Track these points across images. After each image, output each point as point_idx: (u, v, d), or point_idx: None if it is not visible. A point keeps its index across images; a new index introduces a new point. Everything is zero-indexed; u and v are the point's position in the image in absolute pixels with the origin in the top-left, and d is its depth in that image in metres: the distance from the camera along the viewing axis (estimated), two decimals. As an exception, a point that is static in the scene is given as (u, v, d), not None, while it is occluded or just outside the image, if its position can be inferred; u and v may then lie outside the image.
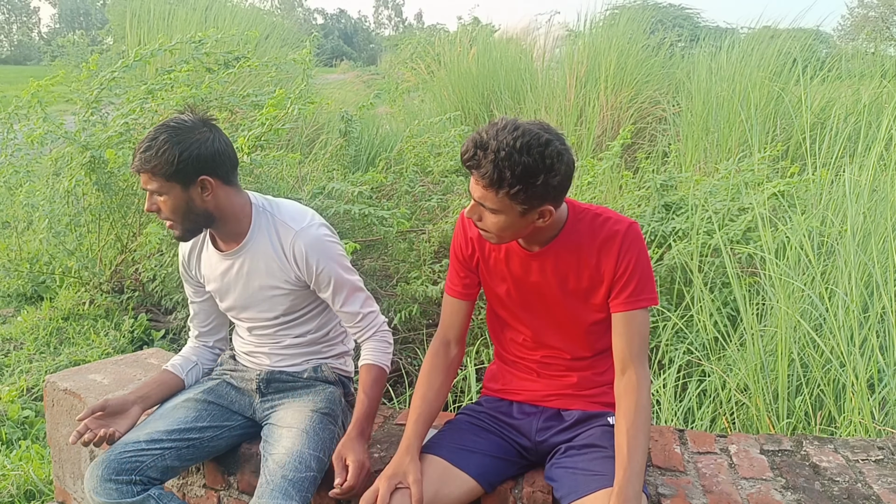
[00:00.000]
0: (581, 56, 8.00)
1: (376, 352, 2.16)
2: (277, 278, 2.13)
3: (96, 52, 7.17)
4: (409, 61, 14.34)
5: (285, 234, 2.10)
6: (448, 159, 4.84)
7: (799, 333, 2.97)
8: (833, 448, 2.10)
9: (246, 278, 2.16)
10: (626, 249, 1.80)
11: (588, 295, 1.87)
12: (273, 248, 2.11)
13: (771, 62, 6.63)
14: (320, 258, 2.08)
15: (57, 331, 4.41)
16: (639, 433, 1.73)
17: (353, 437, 1.99)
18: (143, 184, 1.98)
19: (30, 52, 64.26)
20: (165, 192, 1.97)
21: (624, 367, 1.82)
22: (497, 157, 1.62)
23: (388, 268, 4.31)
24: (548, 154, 1.64)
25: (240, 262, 2.15)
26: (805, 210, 3.82)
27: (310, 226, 2.11)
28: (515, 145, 1.62)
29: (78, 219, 4.65)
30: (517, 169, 1.62)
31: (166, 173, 1.93)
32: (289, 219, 2.12)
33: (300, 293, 2.17)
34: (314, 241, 2.09)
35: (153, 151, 1.93)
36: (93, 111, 4.69)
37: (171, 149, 1.92)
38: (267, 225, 2.12)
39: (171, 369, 2.29)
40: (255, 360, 2.29)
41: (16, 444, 3.19)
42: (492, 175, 1.65)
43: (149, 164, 1.94)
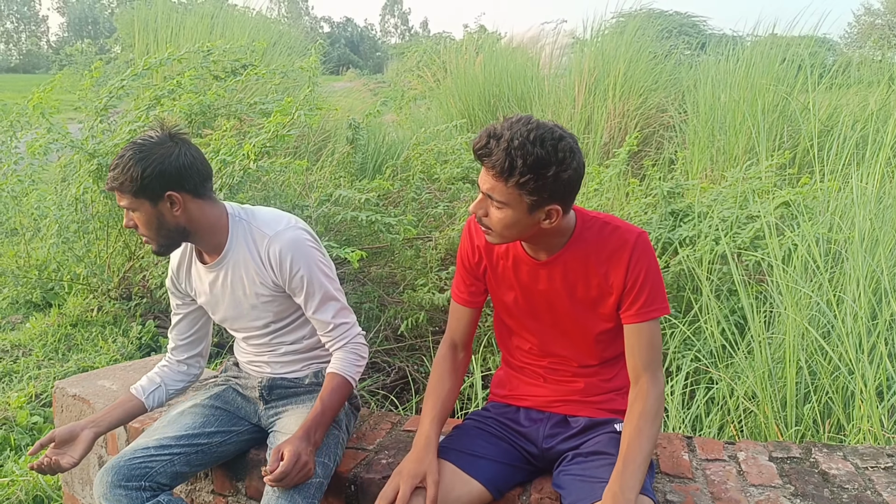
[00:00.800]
0: (589, 64, 8.01)
1: (343, 362, 2.13)
2: (259, 284, 2.12)
3: (101, 60, 7.21)
4: (415, 69, 14.37)
5: (261, 240, 2.10)
6: (454, 167, 4.85)
7: (807, 341, 2.96)
8: (842, 455, 2.09)
9: (231, 288, 2.16)
10: (636, 260, 1.79)
11: (596, 304, 1.86)
12: (251, 256, 2.11)
13: (777, 69, 6.63)
14: (294, 259, 2.08)
15: (65, 337, 4.43)
16: (640, 435, 1.73)
17: (297, 437, 1.95)
18: (118, 201, 2.00)
19: (38, 60, 64.64)
20: (136, 209, 2.00)
21: (637, 375, 1.82)
22: (510, 145, 1.63)
23: (395, 275, 4.32)
24: (561, 148, 1.64)
25: (223, 272, 2.15)
26: (812, 217, 3.81)
27: (286, 229, 2.11)
28: (529, 136, 1.62)
29: (86, 226, 4.67)
30: (529, 158, 1.62)
31: (133, 190, 1.95)
32: (264, 225, 2.12)
33: (284, 299, 2.16)
34: (289, 243, 2.09)
35: (120, 169, 1.95)
36: (101, 119, 4.72)
37: (135, 166, 1.93)
38: (244, 233, 2.12)
39: (133, 391, 2.27)
40: (257, 368, 2.29)
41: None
42: (503, 163, 1.64)
43: (116, 182, 1.96)
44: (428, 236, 4.26)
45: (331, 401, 2.07)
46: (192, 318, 2.33)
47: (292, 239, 2.10)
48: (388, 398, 3.64)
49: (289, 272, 2.08)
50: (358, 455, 2.21)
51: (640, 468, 1.70)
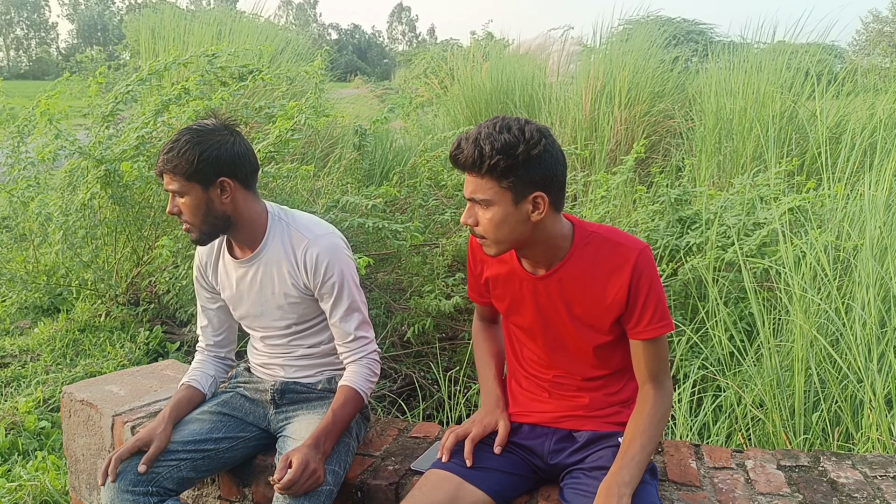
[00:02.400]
0: (596, 71, 8.01)
1: (357, 376, 2.15)
2: (289, 286, 2.14)
3: (108, 66, 7.24)
4: (422, 76, 14.41)
5: (298, 242, 2.13)
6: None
7: (816, 349, 2.95)
8: (851, 464, 2.08)
9: (260, 286, 2.18)
10: (637, 277, 1.77)
11: (595, 319, 1.85)
12: (286, 256, 2.13)
13: (785, 76, 6.62)
14: (330, 264, 2.11)
15: (73, 342, 4.44)
16: (643, 433, 1.76)
17: (307, 445, 1.97)
18: (166, 185, 2.03)
19: (48, 67, 65.00)
20: (186, 193, 2.02)
21: (644, 382, 1.85)
22: (478, 138, 1.68)
23: (402, 281, 4.32)
24: (527, 130, 1.67)
25: (254, 269, 2.17)
26: (821, 224, 3.80)
27: (325, 234, 2.15)
28: (495, 127, 1.68)
29: (94, 231, 4.68)
30: (497, 143, 1.65)
31: (186, 173, 1.99)
32: (303, 228, 2.16)
33: (311, 302, 2.18)
34: (327, 248, 2.12)
35: (175, 152, 1.99)
36: (108, 125, 4.74)
37: (191, 149, 1.98)
38: (282, 233, 2.15)
39: (194, 385, 2.28)
40: (270, 372, 2.30)
41: (32, 454, 3.21)
42: (472, 154, 1.67)
43: (170, 164, 1.99)
44: (435, 243, 4.26)
45: (342, 413, 2.08)
46: (223, 313, 2.37)
47: (330, 245, 2.13)
48: (396, 404, 3.64)
49: (322, 276, 2.11)
50: (365, 461, 2.21)
51: (639, 465, 1.71)
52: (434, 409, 3.65)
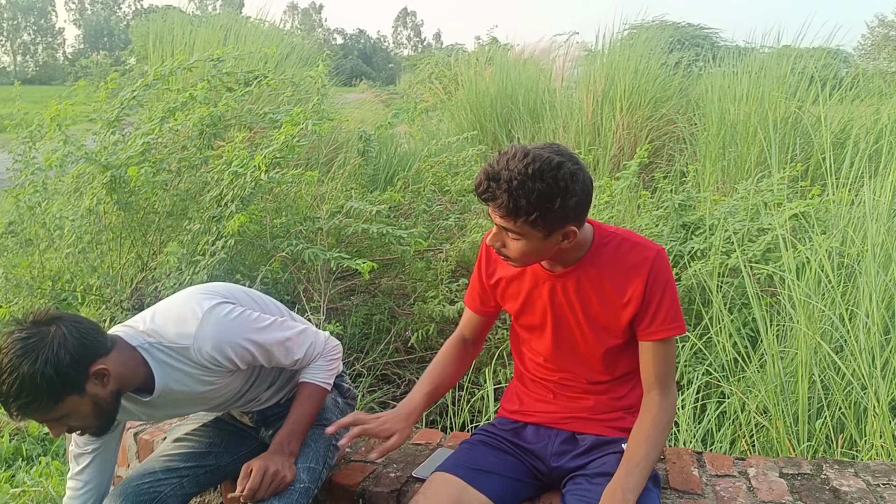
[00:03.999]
0: (598, 75, 8.02)
1: (313, 370, 2.07)
2: (210, 383, 1.95)
3: (116, 72, 7.30)
4: (427, 81, 14.43)
5: (186, 353, 1.87)
6: (465, 178, 4.86)
7: (819, 355, 2.94)
8: (854, 472, 2.07)
9: (181, 405, 2.01)
10: (654, 278, 1.79)
11: (610, 319, 1.86)
12: (189, 369, 1.90)
13: (789, 81, 6.62)
14: (230, 347, 1.89)
15: (78, 348, 4.45)
16: (648, 440, 1.75)
17: (269, 451, 1.94)
18: (41, 422, 1.76)
19: (55, 72, 65.33)
20: (69, 412, 1.73)
21: (649, 387, 1.84)
22: (510, 186, 1.62)
23: (406, 287, 4.32)
24: (561, 177, 1.63)
25: (164, 400, 1.94)
26: (825, 230, 3.80)
27: (200, 327, 1.87)
28: (527, 172, 1.62)
29: (99, 237, 4.70)
30: (532, 196, 1.62)
31: (53, 397, 1.70)
32: (176, 337, 1.87)
33: (240, 373, 2.03)
34: (214, 337, 1.87)
35: (23, 390, 1.66)
36: (113, 130, 4.76)
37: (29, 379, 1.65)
38: (166, 357, 1.87)
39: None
40: (244, 409, 2.23)
41: (36, 460, 3.22)
42: (507, 205, 1.65)
43: (31, 405, 1.68)
44: (439, 248, 4.26)
45: (304, 411, 2.03)
46: (110, 453, 2.11)
47: (213, 332, 1.87)
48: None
49: (233, 358, 1.91)
50: (366, 468, 2.21)
51: (643, 472, 1.71)
52: (437, 414, 3.65)
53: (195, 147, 4.54)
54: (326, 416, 2.16)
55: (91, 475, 2.06)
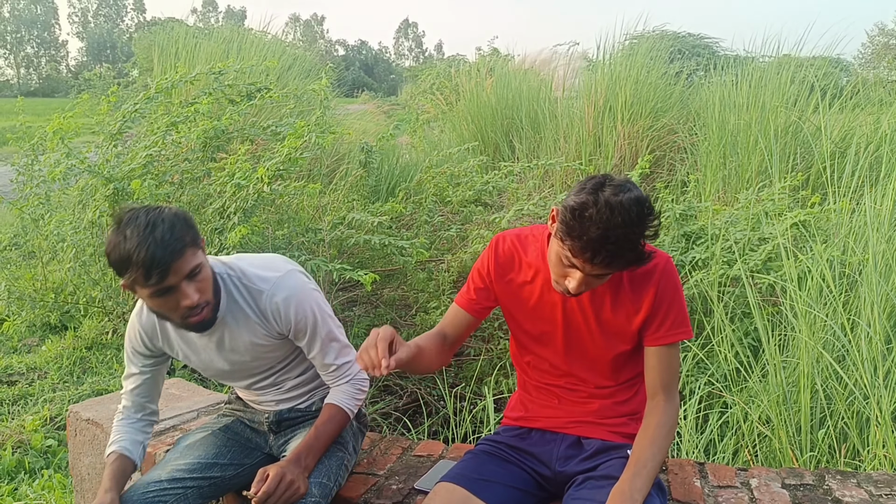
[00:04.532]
0: (599, 86, 8.04)
1: (343, 395, 2.12)
2: (261, 338, 2.06)
3: (117, 85, 7.31)
4: (428, 92, 14.47)
5: (258, 294, 2.01)
6: (467, 189, 4.87)
7: (821, 365, 2.94)
8: (856, 482, 2.07)
9: (229, 348, 2.08)
10: (664, 284, 1.82)
11: (622, 325, 1.88)
12: (251, 312, 2.02)
13: (790, 90, 6.63)
14: (298, 306, 2.01)
15: (80, 360, 4.46)
16: (652, 444, 1.76)
17: (287, 460, 1.96)
18: (186, 266, 1.84)
19: (58, 84, 65.60)
20: (202, 264, 1.88)
21: (654, 393, 1.86)
22: (625, 242, 1.60)
23: (408, 297, 4.33)
24: (652, 210, 1.63)
25: (217, 335, 2.06)
26: (826, 239, 3.80)
27: (281, 276, 2.03)
28: (633, 220, 1.59)
29: (102, 249, 4.71)
30: (643, 238, 1.63)
31: (196, 241, 1.89)
32: (257, 278, 2.02)
33: (287, 342, 2.12)
34: (291, 291, 2.01)
35: (173, 229, 1.82)
36: (115, 143, 4.78)
37: (179, 220, 1.86)
38: (237, 291, 2.01)
39: (126, 454, 2.12)
40: (262, 407, 2.28)
41: (38, 473, 3.22)
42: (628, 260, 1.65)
43: (187, 238, 1.84)
44: (440, 259, 4.27)
45: (325, 430, 2.07)
46: (156, 376, 2.19)
47: (293, 286, 2.03)
48: (401, 421, 3.64)
49: (293, 321, 2.02)
50: (368, 480, 2.21)
51: (650, 475, 1.72)
52: (440, 425, 3.64)
53: (198, 159, 4.56)
54: (342, 437, 2.18)
55: (135, 398, 2.18)
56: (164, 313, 1.91)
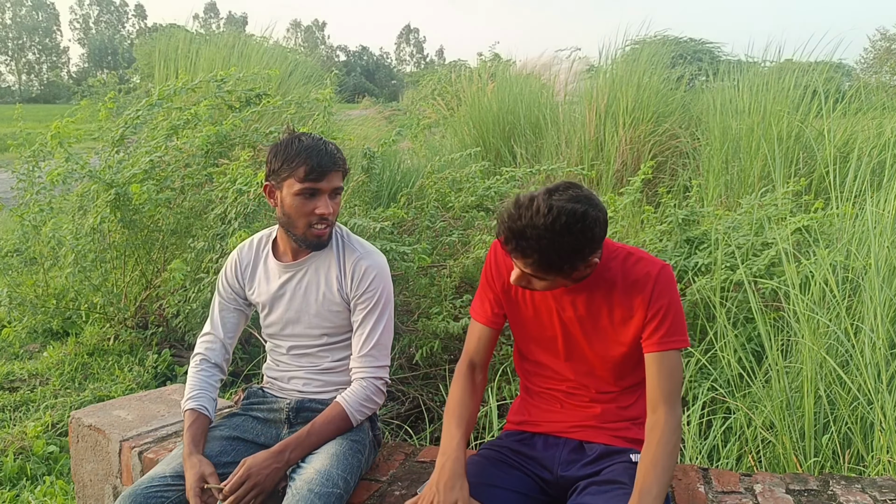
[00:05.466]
0: (601, 91, 8.04)
1: (355, 396, 2.17)
2: (335, 292, 2.21)
3: (115, 91, 7.33)
4: (430, 97, 14.48)
5: (350, 252, 2.23)
6: (469, 195, 4.86)
7: (825, 370, 2.93)
8: (860, 488, 2.06)
9: (304, 290, 2.23)
10: (658, 292, 1.82)
11: (618, 332, 1.89)
12: (337, 263, 2.22)
13: (792, 95, 6.62)
14: (376, 279, 2.19)
15: (82, 366, 4.46)
16: (657, 465, 1.74)
17: (271, 451, 2.03)
18: (329, 184, 2.12)
19: (59, 90, 65.70)
20: (341, 186, 2.17)
21: (655, 406, 1.83)
22: (540, 245, 1.65)
23: (410, 303, 4.32)
24: (587, 227, 1.66)
25: (301, 273, 2.24)
26: (829, 244, 3.79)
27: (377, 254, 2.26)
28: (555, 228, 1.63)
29: (104, 255, 4.71)
30: (563, 251, 1.66)
31: (344, 169, 2.17)
32: (356, 242, 2.26)
33: (348, 315, 2.23)
34: (377, 265, 2.22)
35: (332, 149, 2.12)
36: (117, 149, 4.78)
37: (334, 146, 2.16)
38: (336, 241, 2.25)
39: (203, 413, 2.21)
40: (288, 387, 2.31)
41: (40, 479, 3.21)
42: (539, 262, 1.69)
43: (340, 161, 2.13)
44: (442, 264, 4.26)
45: (321, 430, 2.11)
46: (239, 317, 2.38)
47: (381, 263, 2.24)
48: (403, 428, 3.63)
49: (366, 287, 2.18)
50: (371, 486, 2.20)
51: (657, 500, 1.70)
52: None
53: (199, 165, 4.56)
54: (360, 437, 2.20)
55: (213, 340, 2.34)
56: (294, 218, 2.14)
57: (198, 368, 2.32)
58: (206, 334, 2.37)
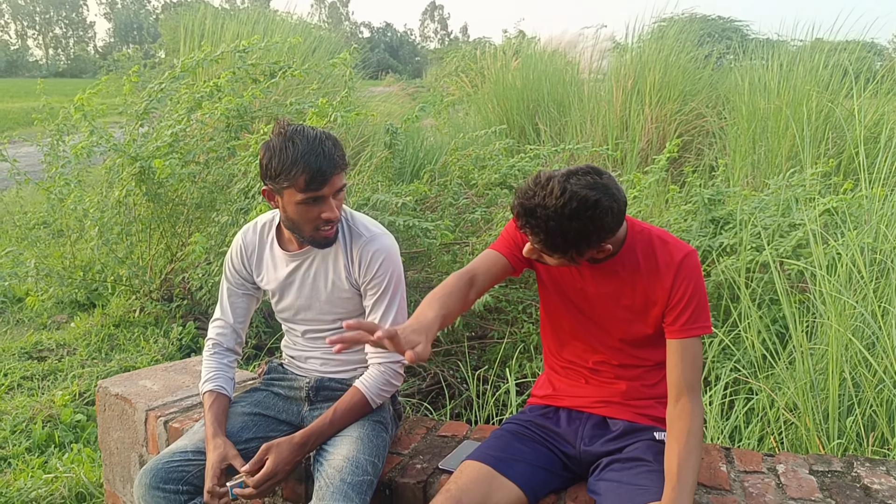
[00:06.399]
0: (628, 69, 7.95)
1: (373, 381, 2.15)
2: (343, 279, 2.17)
3: (143, 65, 7.36)
4: (453, 74, 14.40)
5: (357, 237, 2.17)
6: (492, 172, 4.84)
7: (850, 352, 2.90)
8: (885, 470, 2.04)
9: (312, 278, 2.20)
10: (682, 278, 1.81)
11: (641, 312, 1.88)
12: (344, 250, 2.17)
13: (822, 74, 6.51)
14: (384, 263, 2.14)
15: (108, 337, 4.52)
16: (690, 455, 1.72)
17: (294, 442, 2.01)
18: (334, 186, 2.03)
19: (85, 65, 66.10)
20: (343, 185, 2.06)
21: (678, 394, 1.81)
22: (548, 226, 1.65)
23: (432, 279, 4.32)
24: (596, 215, 1.65)
25: (308, 261, 2.20)
26: (858, 226, 3.73)
27: (383, 234, 2.20)
28: (564, 212, 1.63)
29: (129, 228, 4.76)
30: (569, 235, 1.66)
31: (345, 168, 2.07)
32: (362, 226, 2.19)
33: (360, 299, 2.21)
34: (385, 248, 2.16)
35: (336, 149, 2.01)
36: (142, 123, 4.81)
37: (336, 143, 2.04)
38: (340, 230, 2.18)
39: (223, 393, 2.23)
40: (306, 366, 2.32)
41: (68, 447, 3.27)
42: (545, 242, 1.69)
43: (342, 162, 2.02)
44: (465, 241, 4.26)
45: (343, 416, 2.10)
46: (248, 302, 2.36)
47: (389, 246, 2.17)
48: (423, 404, 3.65)
49: (374, 272, 2.13)
50: (393, 459, 2.22)
51: (693, 489, 1.70)
52: (462, 407, 3.65)
53: (222, 139, 4.58)
54: (382, 416, 2.20)
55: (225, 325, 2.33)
56: (299, 224, 2.06)
57: (212, 352, 2.32)
58: (217, 320, 2.36)
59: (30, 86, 31.22)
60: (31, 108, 6.79)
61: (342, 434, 2.09)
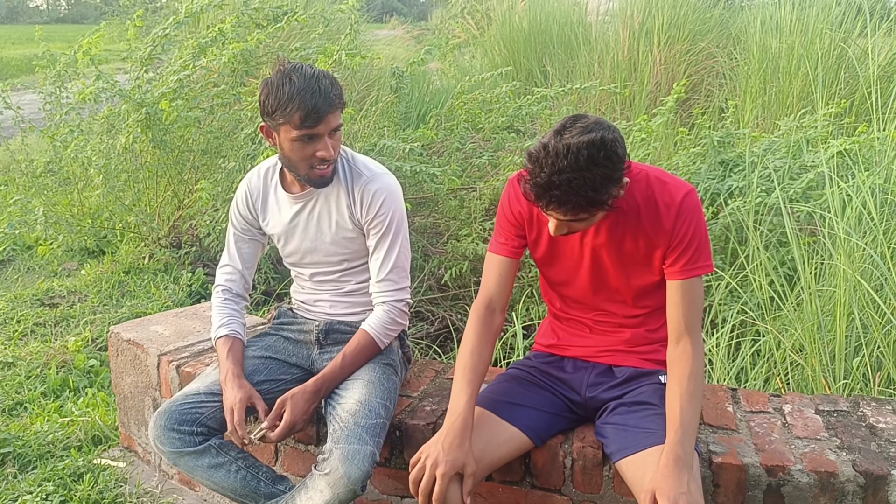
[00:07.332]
0: (635, 8, 7.79)
1: (379, 322, 2.17)
2: (346, 219, 2.18)
3: (146, 9, 7.25)
4: (459, 17, 14.15)
5: (358, 177, 2.17)
6: (499, 116, 4.79)
7: (859, 293, 2.89)
8: (891, 409, 2.06)
9: (316, 220, 2.21)
10: (683, 218, 1.78)
11: (643, 258, 1.86)
12: (346, 191, 2.16)
13: (835, 12, 6.36)
14: (386, 202, 2.15)
15: (118, 284, 4.55)
16: (692, 397, 1.73)
17: (308, 391, 2.05)
18: (331, 125, 2.03)
19: (87, 10, 65.03)
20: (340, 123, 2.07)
21: (678, 335, 1.81)
22: (572, 186, 1.58)
23: (439, 225, 4.32)
24: (610, 150, 1.59)
25: (311, 203, 2.20)
26: (869, 167, 3.70)
27: (385, 174, 2.21)
28: (581, 164, 1.57)
29: (136, 175, 4.74)
30: (596, 182, 1.59)
31: (342, 104, 2.08)
32: (363, 166, 2.20)
33: (364, 240, 2.21)
34: (386, 186, 2.16)
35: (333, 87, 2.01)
36: (147, 69, 4.75)
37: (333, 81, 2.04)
38: (342, 168, 2.18)
39: (238, 337, 2.25)
40: (315, 309, 2.33)
41: (83, 391, 3.32)
42: (577, 204, 1.62)
43: (338, 100, 2.03)
44: (472, 186, 4.24)
45: (353, 359, 2.13)
46: (255, 247, 2.38)
47: (390, 185, 2.18)
48: (432, 347, 3.68)
49: (376, 212, 2.14)
50: (402, 402, 2.25)
51: (695, 430, 1.72)
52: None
53: (227, 84, 4.53)
54: (392, 359, 2.23)
55: (233, 270, 2.36)
56: (295, 162, 2.07)
57: (221, 298, 2.34)
58: (225, 266, 2.37)
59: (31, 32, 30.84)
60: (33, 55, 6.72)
61: (353, 377, 2.12)
